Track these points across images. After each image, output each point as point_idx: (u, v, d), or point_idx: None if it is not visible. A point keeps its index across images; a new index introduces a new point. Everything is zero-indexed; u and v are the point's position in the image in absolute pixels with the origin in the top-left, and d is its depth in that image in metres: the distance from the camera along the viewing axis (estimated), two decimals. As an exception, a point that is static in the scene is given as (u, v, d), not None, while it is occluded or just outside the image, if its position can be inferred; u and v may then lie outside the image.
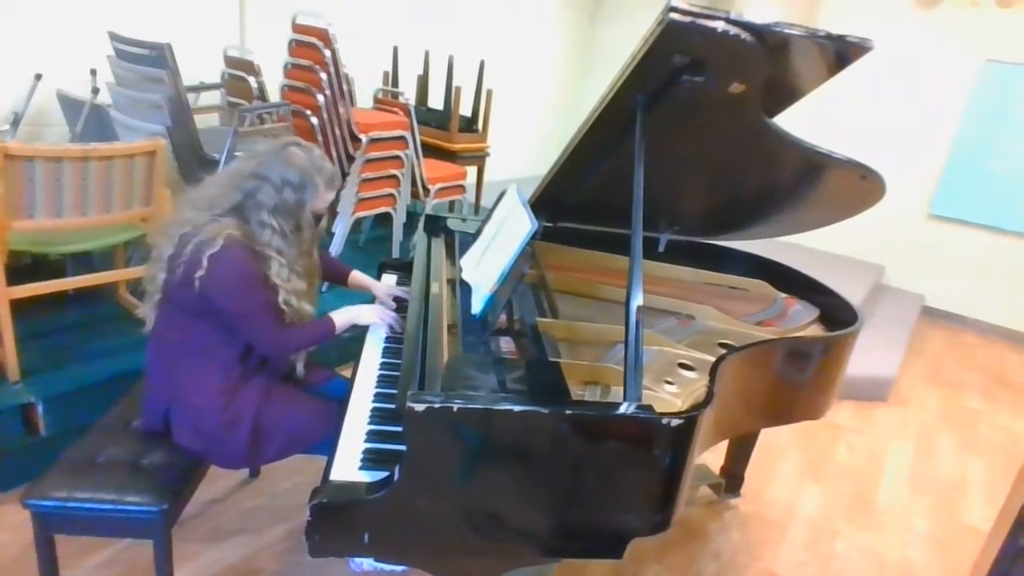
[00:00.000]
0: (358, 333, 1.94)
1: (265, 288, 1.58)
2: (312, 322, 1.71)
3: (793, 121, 1.80)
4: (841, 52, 1.44)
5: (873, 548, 2.47)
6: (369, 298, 2.02)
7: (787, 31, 1.33)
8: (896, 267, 5.22)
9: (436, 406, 1.17)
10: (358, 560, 1.84)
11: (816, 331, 2.11)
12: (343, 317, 1.74)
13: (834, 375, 1.98)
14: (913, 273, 5.17)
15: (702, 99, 1.47)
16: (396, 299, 2.02)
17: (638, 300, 1.35)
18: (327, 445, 1.43)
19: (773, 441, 3.00)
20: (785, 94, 1.62)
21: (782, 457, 2.96)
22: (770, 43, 1.32)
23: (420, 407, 1.16)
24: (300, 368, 1.80)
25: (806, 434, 3.15)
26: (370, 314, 1.81)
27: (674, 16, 1.21)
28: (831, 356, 1.93)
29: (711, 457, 2.58)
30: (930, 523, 2.67)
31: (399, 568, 1.81)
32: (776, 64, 1.40)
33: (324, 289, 3.07)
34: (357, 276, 2.05)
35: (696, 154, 1.81)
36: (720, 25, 1.27)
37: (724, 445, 2.54)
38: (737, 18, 1.25)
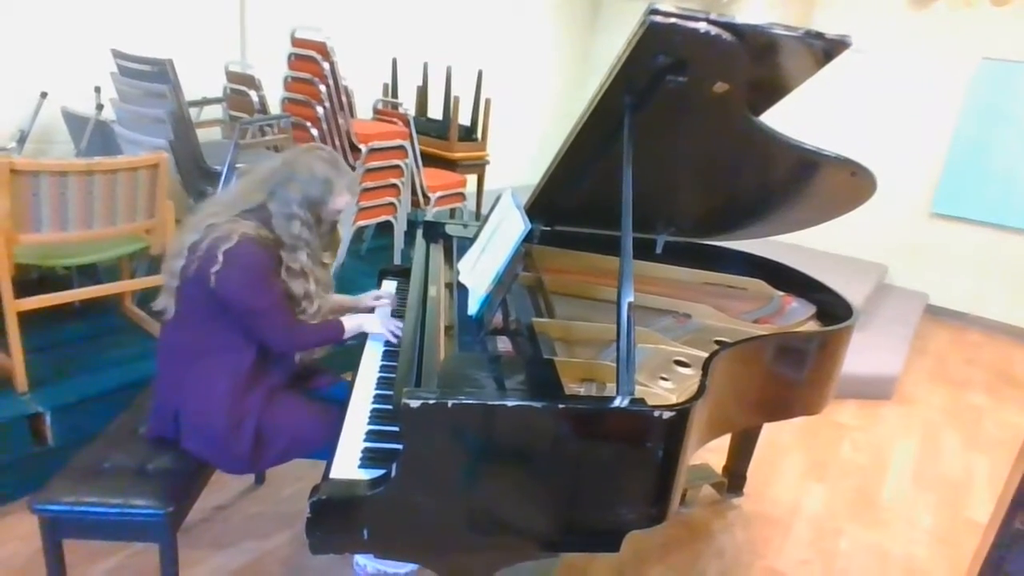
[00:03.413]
0: (360, 341, 1.97)
1: (277, 284, 1.65)
2: (324, 322, 1.78)
3: (792, 122, 1.82)
4: (821, 49, 1.46)
5: (877, 545, 2.46)
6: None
7: (767, 30, 1.36)
8: (899, 266, 5.22)
9: (431, 402, 1.20)
10: (361, 563, 1.87)
11: (813, 327, 2.12)
12: (352, 322, 1.81)
13: (830, 370, 1.99)
14: (916, 272, 5.17)
15: (688, 99, 1.50)
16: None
17: (629, 297, 1.38)
18: (329, 449, 1.45)
19: (776, 440, 3.01)
20: (770, 92, 1.65)
21: (785, 456, 2.97)
22: (751, 42, 1.35)
23: (415, 403, 1.19)
24: (297, 357, 1.85)
25: (809, 433, 3.15)
26: (375, 323, 1.86)
27: (655, 18, 1.24)
28: (826, 351, 1.94)
29: (713, 456, 2.59)
30: (935, 519, 2.66)
31: (402, 570, 1.84)
32: (758, 63, 1.43)
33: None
34: (336, 299, 2.01)
35: (686, 154, 1.84)
36: (702, 26, 1.30)
37: (726, 445, 2.55)
38: (718, 18, 1.28)
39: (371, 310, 2.01)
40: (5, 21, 2.81)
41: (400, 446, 1.25)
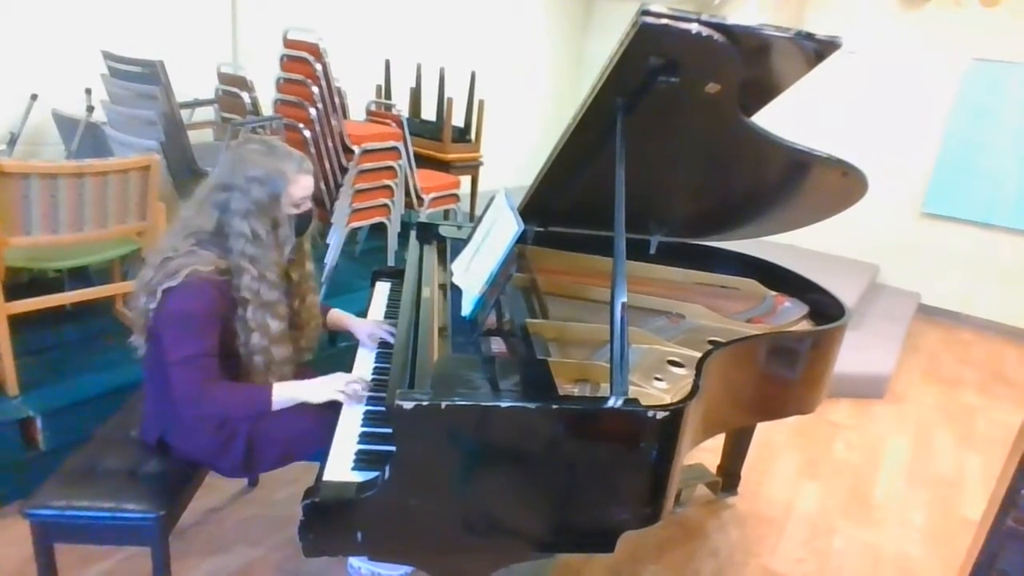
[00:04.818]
0: (353, 343, 1.97)
1: (211, 334, 1.51)
2: (247, 387, 1.59)
3: (783, 122, 1.81)
4: (812, 50, 1.47)
5: (871, 543, 2.47)
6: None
7: (758, 31, 1.37)
8: (891, 266, 5.25)
9: (424, 403, 1.19)
10: (356, 565, 1.86)
11: (805, 327, 2.13)
12: (288, 392, 1.57)
13: (822, 369, 2.00)
14: (908, 271, 5.19)
15: (680, 100, 1.50)
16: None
17: (623, 297, 1.38)
18: (326, 452, 1.44)
19: (770, 439, 3.02)
20: (761, 93, 1.65)
21: (779, 455, 2.98)
22: (742, 43, 1.35)
23: (408, 405, 1.19)
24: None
25: (803, 432, 3.16)
26: (323, 392, 1.58)
27: (647, 19, 1.24)
28: (818, 350, 1.95)
29: (708, 456, 2.59)
30: (928, 518, 2.67)
31: (396, 572, 1.83)
32: (750, 64, 1.43)
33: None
34: (336, 315, 1.96)
35: (679, 155, 1.84)
36: (693, 27, 1.30)
37: (720, 444, 2.55)
38: (709, 19, 1.29)
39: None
40: (-5, 23, 2.80)
41: (393, 448, 1.25)
